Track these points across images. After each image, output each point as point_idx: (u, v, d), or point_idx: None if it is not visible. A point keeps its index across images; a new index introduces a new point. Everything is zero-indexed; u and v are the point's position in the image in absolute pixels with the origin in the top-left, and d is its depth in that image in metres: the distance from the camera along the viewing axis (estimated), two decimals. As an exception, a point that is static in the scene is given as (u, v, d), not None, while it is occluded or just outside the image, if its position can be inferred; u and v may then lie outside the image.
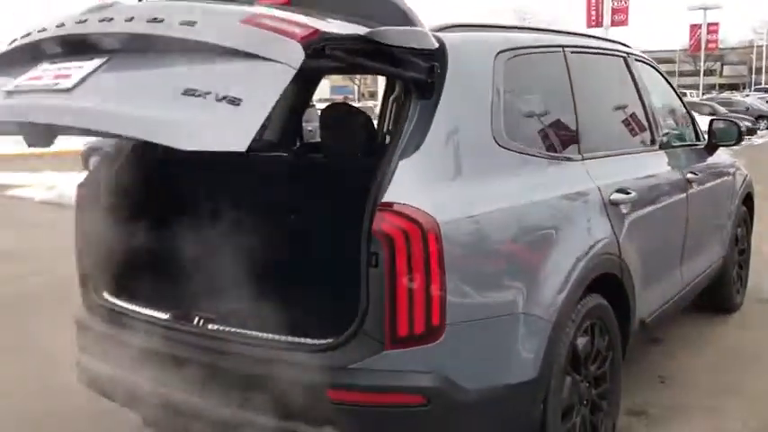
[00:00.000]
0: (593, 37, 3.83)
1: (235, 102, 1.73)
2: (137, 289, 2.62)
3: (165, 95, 1.81)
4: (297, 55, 1.84)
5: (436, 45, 2.26)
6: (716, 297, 4.77)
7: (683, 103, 4.34)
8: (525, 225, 2.38)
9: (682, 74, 73.44)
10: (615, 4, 26.76)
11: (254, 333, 2.29)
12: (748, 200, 5.01)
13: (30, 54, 2.17)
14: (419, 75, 2.23)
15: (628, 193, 2.96)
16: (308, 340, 2.18)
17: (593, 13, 27.32)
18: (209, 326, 2.38)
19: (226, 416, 2.22)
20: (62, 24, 2.12)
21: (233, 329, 2.33)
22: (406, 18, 2.23)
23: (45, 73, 2.06)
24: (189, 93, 1.77)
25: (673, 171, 3.60)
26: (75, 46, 2.08)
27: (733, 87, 70.22)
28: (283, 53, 1.83)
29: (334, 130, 2.98)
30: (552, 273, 2.41)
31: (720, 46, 69.00)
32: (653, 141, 3.59)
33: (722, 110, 25.80)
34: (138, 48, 1.97)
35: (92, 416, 3.15)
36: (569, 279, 2.46)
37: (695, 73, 62.24)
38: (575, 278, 2.48)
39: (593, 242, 2.66)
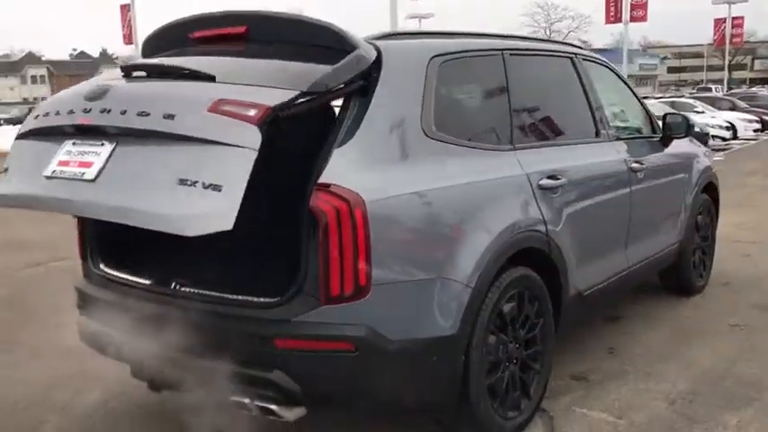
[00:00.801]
0: (541, 40, 4.22)
1: (217, 188, 2.25)
2: (127, 260, 3.09)
3: (166, 187, 2.33)
4: (255, 138, 2.31)
5: (373, 58, 2.70)
6: (676, 279, 5.13)
7: (638, 99, 4.70)
8: (447, 204, 2.78)
9: (711, 68, 72.63)
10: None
11: (219, 294, 2.73)
12: (711, 190, 5.35)
13: (52, 131, 2.74)
14: (358, 81, 2.66)
15: (557, 179, 3.36)
16: (260, 299, 2.61)
17: (612, 9, 27.41)
18: (184, 289, 2.84)
19: (194, 363, 2.66)
20: (72, 111, 2.66)
21: (202, 291, 2.77)
22: (345, 41, 2.67)
23: (71, 157, 2.62)
24: (182, 183, 2.31)
25: (615, 160, 3.97)
26: (86, 131, 2.62)
27: (765, 81, 69.26)
28: (244, 139, 2.31)
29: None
30: (472, 245, 2.81)
31: (751, 39, 68.06)
32: (597, 134, 3.96)
33: (743, 105, 25.74)
34: (136, 135, 2.49)
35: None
36: (489, 251, 2.85)
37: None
38: (495, 250, 2.88)
39: (517, 221, 3.06)
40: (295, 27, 2.85)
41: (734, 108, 24.67)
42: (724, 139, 18.93)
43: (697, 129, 16.30)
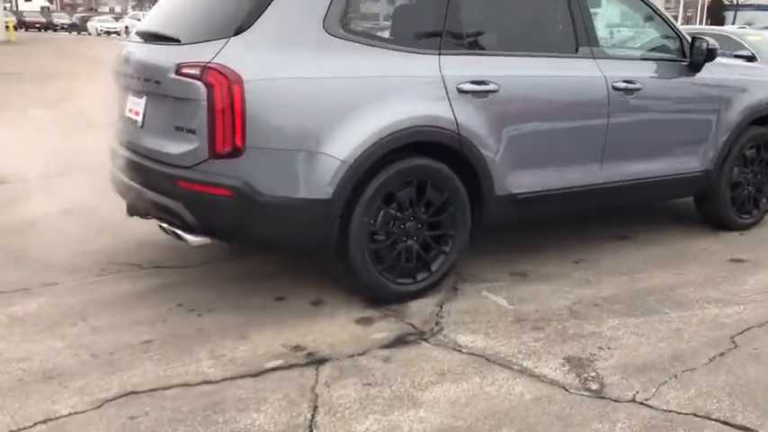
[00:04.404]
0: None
1: (193, 131, 3.24)
2: None
3: (170, 133, 3.37)
4: (203, 92, 3.15)
5: None
6: (709, 212, 5.07)
7: (667, 23, 4.62)
8: (333, 91, 3.32)
9: None
10: None
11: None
12: (769, 123, 5.07)
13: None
14: None
15: (486, 84, 3.70)
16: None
17: None
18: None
19: (145, 194, 3.57)
20: (120, 73, 3.87)
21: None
22: None
23: (132, 106, 3.73)
24: (177, 129, 3.33)
25: (588, 77, 4.10)
26: (133, 89, 3.71)
27: None
28: (197, 93, 3.17)
29: None
30: (355, 129, 3.33)
31: None
32: (575, 50, 4.13)
33: None
34: (151, 93, 3.53)
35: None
36: (375, 137, 3.35)
37: None
38: (381, 137, 3.36)
39: (414, 116, 3.48)
40: None
41: None
42: None
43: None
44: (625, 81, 4.23)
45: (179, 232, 3.43)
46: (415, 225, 3.64)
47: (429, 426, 2.60)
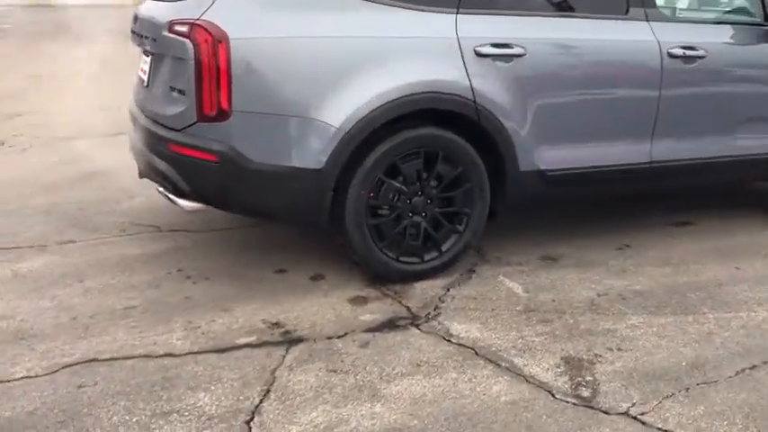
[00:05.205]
0: None
1: (182, 92, 3.11)
2: None
3: (166, 93, 3.28)
4: (190, 52, 3.00)
5: None
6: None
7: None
8: (329, 52, 3.07)
9: None
10: None
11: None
12: None
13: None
14: None
15: (509, 48, 3.33)
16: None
17: None
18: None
19: (145, 156, 3.48)
20: (132, 32, 3.72)
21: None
22: None
23: (141, 64, 3.66)
24: (171, 89, 3.22)
25: (635, 41, 3.63)
26: (143, 48, 3.60)
27: None
28: (186, 52, 3.02)
29: None
30: (354, 94, 3.06)
31: None
32: (626, 11, 3.65)
33: None
34: (152, 53, 3.46)
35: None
36: (372, 103, 3.08)
37: None
38: (380, 104, 3.09)
39: (420, 81, 3.16)
40: None
41: None
42: None
43: None
44: (684, 47, 3.72)
45: (171, 197, 3.32)
46: (424, 200, 3.36)
47: (379, 423, 2.36)
